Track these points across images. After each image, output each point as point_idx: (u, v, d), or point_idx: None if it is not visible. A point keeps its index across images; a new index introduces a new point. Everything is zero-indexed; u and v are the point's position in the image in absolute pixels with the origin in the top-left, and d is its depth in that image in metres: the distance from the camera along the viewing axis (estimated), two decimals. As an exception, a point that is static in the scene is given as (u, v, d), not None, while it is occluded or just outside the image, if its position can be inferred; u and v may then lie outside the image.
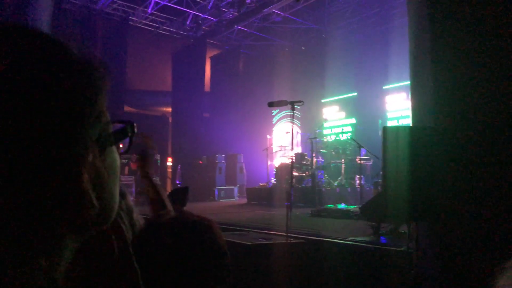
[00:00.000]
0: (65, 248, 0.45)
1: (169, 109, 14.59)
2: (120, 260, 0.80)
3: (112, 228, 0.77)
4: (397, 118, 10.54)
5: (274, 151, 12.28)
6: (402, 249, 3.57)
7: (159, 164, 12.09)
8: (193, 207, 9.06)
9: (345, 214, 6.33)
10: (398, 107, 10.66)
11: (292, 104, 4.41)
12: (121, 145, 0.54)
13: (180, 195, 4.28)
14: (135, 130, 0.52)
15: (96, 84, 0.47)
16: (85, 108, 0.45)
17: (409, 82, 3.37)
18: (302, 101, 4.48)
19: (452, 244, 2.78)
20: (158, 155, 12.22)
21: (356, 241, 4.05)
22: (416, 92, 3.23)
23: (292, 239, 4.14)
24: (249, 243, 3.88)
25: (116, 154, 0.51)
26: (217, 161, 11.61)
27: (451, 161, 2.82)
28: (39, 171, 0.41)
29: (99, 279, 0.77)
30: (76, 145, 0.44)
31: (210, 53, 14.23)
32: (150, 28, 13.16)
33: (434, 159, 2.89)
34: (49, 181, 0.42)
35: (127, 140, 0.54)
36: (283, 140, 11.83)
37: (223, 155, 11.94)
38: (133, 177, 9.91)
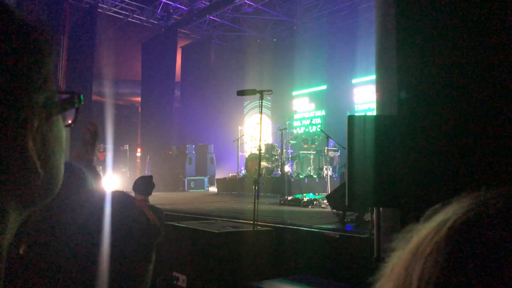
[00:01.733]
0: (8, 218, 0.43)
1: (139, 99, 14.32)
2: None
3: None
4: (365, 111, 10.78)
5: (244, 142, 12.30)
6: (365, 235, 3.67)
7: (128, 154, 11.88)
8: (162, 197, 8.97)
9: (313, 203, 6.45)
10: (366, 99, 10.90)
11: (261, 93, 4.42)
12: (70, 121, 0.52)
13: (144, 184, 4.23)
14: (82, 101, 0.51)
15: (42, 47, 0.45)
16: (31, 70, 0.43)
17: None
18: (271, 90, 4.49)
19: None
20: (127, 145, 12.00)
21: (321, 229, 4.13)
22: (381, 84, 3.30)
23: (259, 227, 4.17)
24: (216, 231, 3.89)
25: (62, 124, 0.50)
26: (187, 152, 11.52)
27: (413, 149, 2.91)
28: None
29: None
30: (22, 109, 0.42)
31: (181, 43, 14.03)
32: (119, 16, 12.83)
33: (397, 147, 2.98)
34: None
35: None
36: (254, 131, 11.86)
37: (193, 146, 11.85)
38: (100, 167, 9.70)
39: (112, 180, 9.91)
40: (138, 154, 13.44)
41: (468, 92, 2.71)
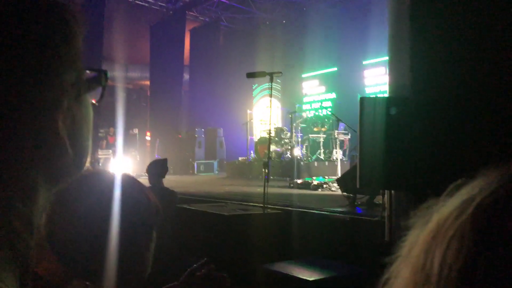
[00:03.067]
0: (39, 195, 0.43)
1: (148, 83, 14.31)
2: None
3: None
4: (376, 93, 10.64)
5: (254, 125, 12.28)
6: (376, 218, 3.66)
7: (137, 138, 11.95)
8: (172, 180, 9.04)
9: (322, 186, 6.44)
10: (377, 81, 10.75)
11: (271, 75, 4.38)
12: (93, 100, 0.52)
13: (158, 167, 4.26)
14: (108, 79, 0.51)
15: (71, 26, 0.45)
16: (61, 50, 0.43)
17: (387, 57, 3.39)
18: (280, 72, 4.45)
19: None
20: (137, 129, 12.06)
21: (331, 212, 4.14)
22: (394, 67, 3.25)
23: (269, 210, 4.19)
24: (226, 214, 3.91)
25: (89, 103, 0.50)
26: (196, 135, 11.55)
27: (425, 132, 2.88)
28: (13, 114, 0.39)
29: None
30: (52, 88, 0.42)
31: (190, 26, 13.91)
32: (127, -1, 12.73)
33: (409, 129, 2.94)
34: (25, 124, 0.40)
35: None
36: (263, 115, 11.81)
37: (203, 129, 11.87)
38: (110, 150, 9.80)
39: (122, 163, 9.99)
40: (148, 138, 13.51)
41: (481, 75, 2.65)
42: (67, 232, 0.79)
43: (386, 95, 3.29)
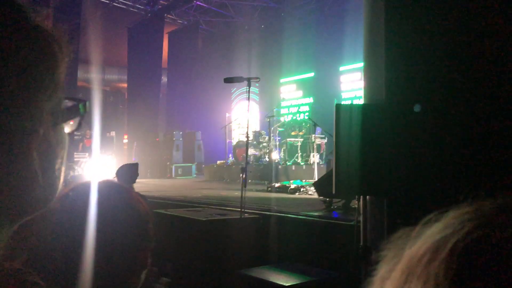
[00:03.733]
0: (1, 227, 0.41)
1: (125, 85, 14.10)
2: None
3: None
4: (352, 98, 10.81)
5: (232, 129, 12.27)
6: (352, 223, 3.70)
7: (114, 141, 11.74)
8: (149, 184, 8.92)
9: (300, 190, 6.48)
10: (353, 87, 10.92)
11: (249, 80, 4.39)
12: (71, 122, 0.51)
13: (129, 171, 4.18)
14: (87, 109, 0.50)
15: (55, 55, 0.44)
16: (43, 78, 0.42)
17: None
18: (258, 78, 4.46)
19: (398, 218, 2.91)
20: (114, 132, 11.87)
21: (308, 216, 4.16)
22: (369, 73, 3.30)
23: (247, 215, 4.18)
24: (203, 219, 3.88)
25: (65, 132, 0.49)
26: (174, 139, 11.45)
27: (399, 138, 2.92)
28: None
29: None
30: (30, 117, 0.41)
31: (168, 29, 13.81)
32: (105, 1, 12.52)
33: (384, 135, 2.99)
34: None
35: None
36: (241, 118, 11.82)
37: (181, 132, 11.77)
38: (87, 153, 9.60)
39: (98, 167, 9.80)
40: (125, 141, 13.30)
41: (457, 79, 2.72)
42: (44, 250, 0.77)
43: (362, 100, 3.34)
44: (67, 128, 0.49)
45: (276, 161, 9.10)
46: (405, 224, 0.39)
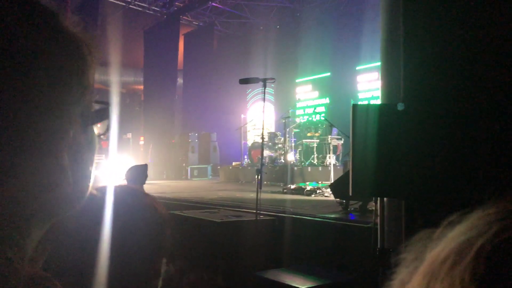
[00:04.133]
0: (35, 225, 0.42)
1: (141, 87, 14.25)
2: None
3: None
4: (369, 99, 10.68)
5: (247, 130, 12.27)
6: (369, 225, 3.64)
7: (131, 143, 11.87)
8: (165, 185, 8.98)
9: (316, 192, 6.43)
10: (370, 87, 10.79)
11: (264, 81, 4.36)
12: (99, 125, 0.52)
13: (138, 173, 4.17)
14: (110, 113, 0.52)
15: (85, 58, 0.45)
16: (73, 82, 0.43)
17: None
18: (274, 79, 4.44)
19: (416, 220, 2.86)
20: (130, 133, 12.01)
21: (324, 218, 4.12)
22: (386, 72, 3.25)
23: (262, 216, 4.16)
24: (218, 221, 3.88)
25: (95, 134, 0.50)
26: (190, 140, 11.50)
27: (416, 139, 2.87)
28: (19, 142, 0.39)
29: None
30: (61, 119, 0.42)
31: (184, 30, 13.90)
32: (121, 3, 12.69)
33: (401, 136, 2.94)
34: (28, 152, 0.39)
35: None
36: (257, 119, 11.81)
37: (196, 134, 11.83)
38: (103, 155, 9.73)
39: (115, 168, 9.92)
40: (141, 142, 13.43)
41: (477, 81, 2.65)
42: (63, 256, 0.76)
43: (379, 101, 3.29)
44: (96, 131, 0.51)
45: (292, 162, 9.05)
46: (425, 226, 0.38)
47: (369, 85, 10.82)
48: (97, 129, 0.51)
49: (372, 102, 10.36)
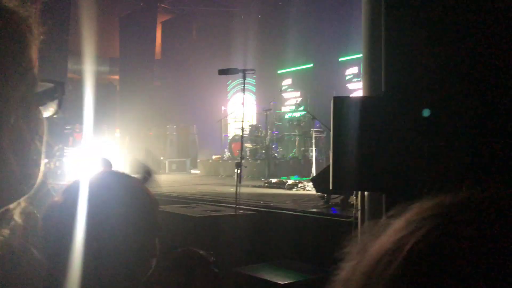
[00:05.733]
0: None
1: (117, 77, 13.92)
2: None
3: None
4: (351, 91, 10.67)
5: (228, 122, 12.13)
6: (350, 219, 3.61)
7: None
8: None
9: (297, 186, 6.39)
10: (352, 79, 10.78)
11: (244, 72, 4.26)
12: (52, 108, 0.50)
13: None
14: (65, 91, 0.50)
15: (24, 37, 0.43)
16: (9, 63, 0.41)
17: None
18: (254, 69, 4.34)
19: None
20: (105, 126, 11.72)
21: (306, 212, 4.08)
22: (368, 64, 3.24)
23: (242, 211, 4.10)
24: (197, 216, 3.80)
25: (42, 116, 0.48)
26: (168, 133, 11.31)
27: (398, 132, 2.86)
28: None
29: None
30: None
31: (162, 18, 13.59)
32: (96, -11, 12.28)
33: (382, 130, 2.92)
34: None
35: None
36: (237, 112, 11.68)
37: (175, 126, 11.63)
38: (76, 147, 9.47)
39: (88, 160, 9.67)
40: (117, 135, 13.14)
41: (458, 75, 2.65)
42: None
43: (361, 94, 3.26)
44: (47, 113, 0.48)
45: (274, 155, 8.98)
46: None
47: (351, 77, 10.80)
48: (48, 111, 0.49)
49: (355, 94, 10.35)
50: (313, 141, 8.35)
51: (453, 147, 2.59)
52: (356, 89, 10.51)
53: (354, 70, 10.72)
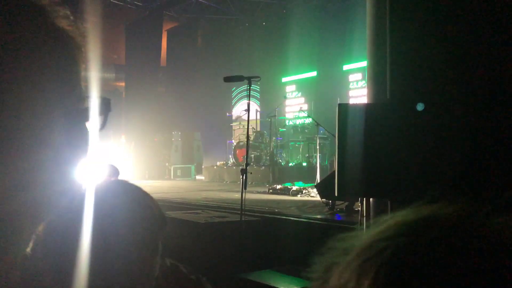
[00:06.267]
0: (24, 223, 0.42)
1: (123, 84, 14.00)
2: None
3: None
4: (356, 98, 10.68)
5: (233, 129, 12.16)
6: (355, 226, 3.61)
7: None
8: (147, 185, 8.82)
9: (302, 192, 6.38)
10: (356, 86, 10.80)
11: (249, 79, 4.28)
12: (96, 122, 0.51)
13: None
14: (111, 107, 0.51)
15: (72, 55, 0.44)
16: (54, 80, 0.41)
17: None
18: (259, 77, 4.35)
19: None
20: (111, 131, 11.76)
21: (310, 218, 4.07)
22: (372, 72, 3.24)
23: (247, 217, 4.10)
24: (202, 222, 3.80)
25: (86, 131, 0.48)
26: (173, 139, 11.34)
27: (403, 138, 2.86)
28: None
29: None
30: (39, 119, 0.40)
31: (167, 26, 13.70)
32: (103, -3, 12.42)
33: (388, 136, 2.92)
34: (8, 164, 0.38)
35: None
36: (242, 118, 11.71)
37: (180, 133, 11.66)
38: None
39: (96, 166, 9.70)
40: (123, 140, 13.20)
41: (463, 78, 2.65)
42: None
43: (365, 101, 3.27)
44: (93, 128, 0.49)
45: (278, 162, 8.99)
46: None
47: (356, 84, 10.82)
48: (94, 126, 0.50)
49: (360, 101, 10.37)
50: (318, 147, 8.36)
51: (458, 154, 2.59)
52: (360, 95, 10.53)
53: (357, 77, 10.74)
